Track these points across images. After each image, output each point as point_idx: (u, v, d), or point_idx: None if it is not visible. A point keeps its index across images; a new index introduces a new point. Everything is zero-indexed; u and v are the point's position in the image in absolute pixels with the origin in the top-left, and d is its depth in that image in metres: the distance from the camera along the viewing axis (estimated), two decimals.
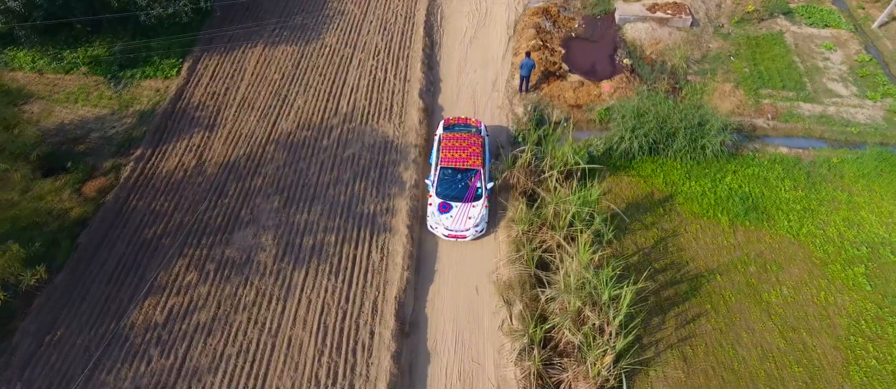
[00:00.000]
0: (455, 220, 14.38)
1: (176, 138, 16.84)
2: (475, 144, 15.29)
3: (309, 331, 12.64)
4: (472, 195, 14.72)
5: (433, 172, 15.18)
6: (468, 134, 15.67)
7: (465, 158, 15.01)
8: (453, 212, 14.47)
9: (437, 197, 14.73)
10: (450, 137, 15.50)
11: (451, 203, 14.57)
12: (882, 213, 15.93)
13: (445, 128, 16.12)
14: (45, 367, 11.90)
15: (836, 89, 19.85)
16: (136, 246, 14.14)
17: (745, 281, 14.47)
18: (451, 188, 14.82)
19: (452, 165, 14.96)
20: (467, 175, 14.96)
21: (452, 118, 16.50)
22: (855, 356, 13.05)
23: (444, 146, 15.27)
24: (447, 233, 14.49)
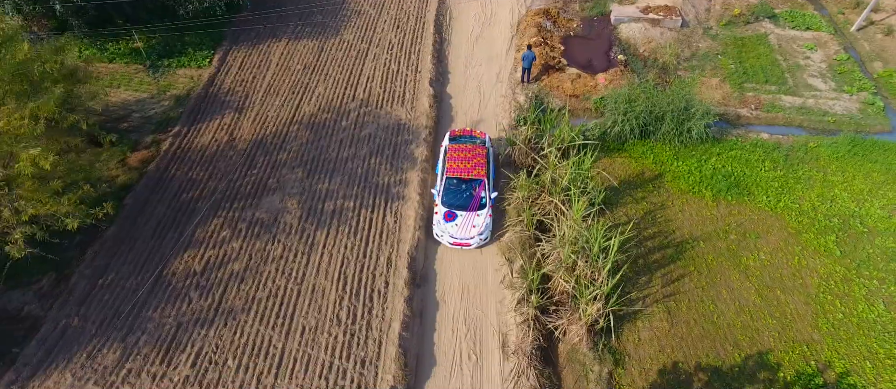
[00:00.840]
0: (460, 228, 14.95)
1: (209, 118, 18.72)
2: (480, 155, 15.95)
3: (330, 280, 14.26)
4: (476, 204, 15.29)
5: (439, 182, 15.80)
6: (473, 145, 16.38)
7: (470, 169, 15.64)
8: (458, 221, 15.02)
9: (443, 206, 15.27)
10: (455, 148, 16.19)
11: (457, 212, 15.13)
12: (853, 190, 17.48)
13: (451, 140, 16.81)
14: (98, 304, 13.55)
15: (816, 84, 21.58)
16: (175, 208, 15.89)
17: (725, 247, 15.99)
18: (456, 197, 15.43)
19: (458, 175, 15.58)
20: (472, 185, 15.58)
21: (458, 130, 17.31)
22: (823, 310, 14.48)
23: (450, 157, 15.93)
24: (452, 241, 15.03)
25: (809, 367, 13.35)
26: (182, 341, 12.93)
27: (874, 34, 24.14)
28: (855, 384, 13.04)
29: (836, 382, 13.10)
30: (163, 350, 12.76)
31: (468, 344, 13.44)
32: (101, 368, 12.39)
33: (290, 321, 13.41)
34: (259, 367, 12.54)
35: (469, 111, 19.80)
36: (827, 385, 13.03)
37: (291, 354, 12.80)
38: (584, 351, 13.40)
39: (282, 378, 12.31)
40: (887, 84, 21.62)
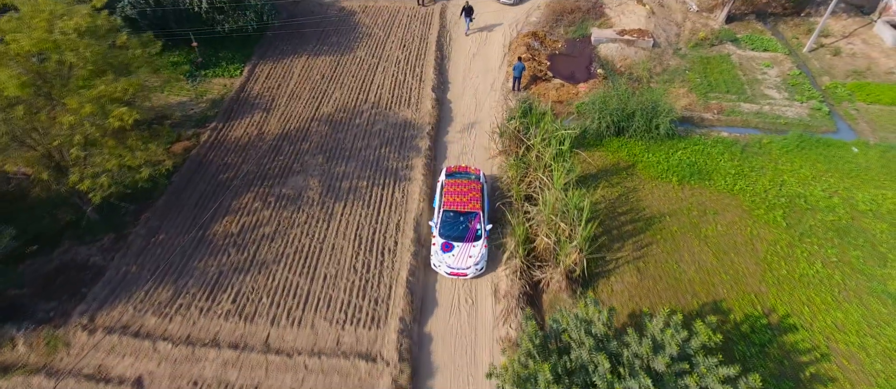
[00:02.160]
0: (457, 259, 15.67)
1: (241, 117, 21.81)
2: (475, 190, 17.02)
3: (347, 240, 16.92)
4: (472, 236, 16.13)
5: (436, 215, 16.71)
6: (468, 180, 17.44)
7: (466, 202, 16.62)
8: (455, 252, 15.79)
9: (440, 238, 16.08)
10: (452, 183, 17.24)
11: (454, 243, 15.94)
12: (799, 177, 20.35)
13: (448, 176, 17.85)
14: (152, 257, 16.16)
15: (771, 94, 24.85)
16: (213, 185, 18.71)
17: (688, 221, 18.69)
18: (453, 229, 16.27)
19: (454, 209, 16.48)
20: (468, 218, 16.46)
21: (454, 166, 18.45)
22: (770, 268, 17.05)
23: (447, 191, 16.94)
24: (449, 271, 15.73)
25: (756, 311, 15.82)
26: (223, 284, 15.48)
27: (824, 55, 27.66)
28: (794, 324, 15.48)
29: (779, 322, 15.54)
30: (208, 291, 15.30)
31: (465, 292, 15.96)
32: (156, 303, 14.90)
33: (314, 270, 15.99)
34: (288, 304, 15.04)
35: (466, 113, 22.95)
36: (770, 325, 15.47)
37: (315, 294, 15.32)
38: (564, 298, 15.89)
39: (309, 310, 14.79)
40: (833, 94, 24.90)
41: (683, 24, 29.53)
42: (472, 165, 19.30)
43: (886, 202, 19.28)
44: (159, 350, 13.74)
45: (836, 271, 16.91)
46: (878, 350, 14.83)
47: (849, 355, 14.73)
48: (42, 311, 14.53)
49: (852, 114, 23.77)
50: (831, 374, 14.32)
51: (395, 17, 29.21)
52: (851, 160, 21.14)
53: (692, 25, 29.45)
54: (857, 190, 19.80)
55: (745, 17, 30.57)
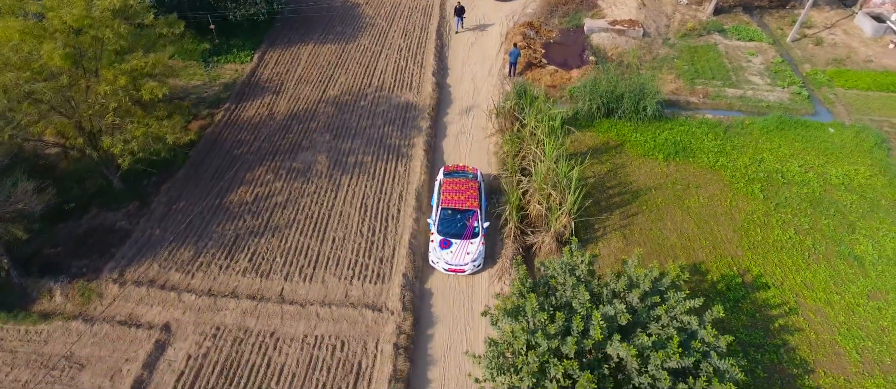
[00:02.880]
0: (455, 255, 16.14)
1: (252, 99, 23.28)
2: (472, 188, 17.53)
3: (354, 207, 18.36)
4: (470, 233, 16.57)
5: (434, 213, 17.13)
6: (466, 179, 17.94)
7: (464, 201, 17.06)
8: (453, 248, 16.22)
9: (439, 235, 16.49)
10: (450, 182, 17.71)
11: (451, 240, 16.39)
12: (777, 155, 21.79)
13: (445, 175, 18.33)
14: (173, 221, 17.60)
15: (755, 80, 26.31)
16: (229, 160, 20.16)
17: (672, 194, 20.12)
18: (451, 226, 16.69)
19: (452, 206, 16.92)
20: (466, 215, 16.90)
21: (451, 166, 18.98)
22: (746, 235, 18.48)
23: (445, 190, 17.43)
24: (447, 267, 16.18)
25: (732, 272, 17.25)
26: (240, 245, 16.92)
27: (806, 44, 29.16)
28: (767, 282, 16.91)
29: (752, 281, 16.97)
30: (226, 251, 16.73)
31: None
32: (179, 261, 16.33)
33: (324, 233, 17.42)
34: (300, 262, 16.47)
35: (465, 96, 24.43)
36: (745, 284, 16.89)
37: (325, 254, 16.75)
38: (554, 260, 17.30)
39: (319, 268, 16.22)
40: (813, 80, 26.40)
41: (673, 16, 31.01)
42: (470, 164, 19.92)
43: (858, 176, 20.73)
44: (184, 301, 15.16)
45: (808, 237, 18.34)
46: (842, 305, 16.25)
47: (815, 309, 16.15)
48: (75, 267, 15.95)
49: (830, 98, 25.24)
50: (798, 325, 15.74)
51: (397, 8, 30.69)
52: (827, 139, 22.59)
53: (681, 17, 30.93)
54: (831, 166, 21.25)
55: (732, 9, 32.05)
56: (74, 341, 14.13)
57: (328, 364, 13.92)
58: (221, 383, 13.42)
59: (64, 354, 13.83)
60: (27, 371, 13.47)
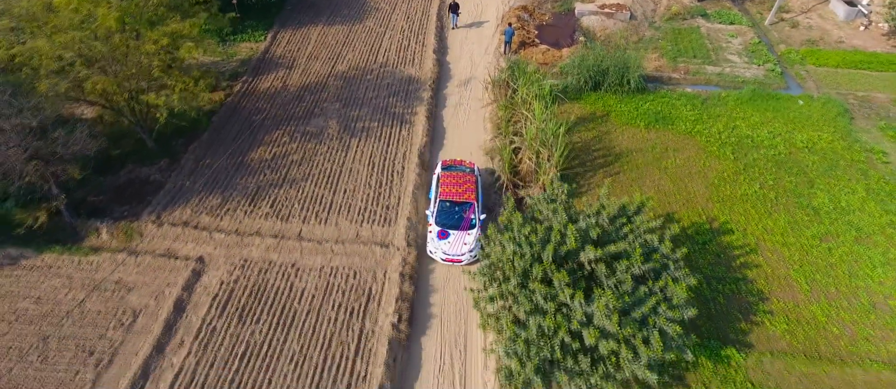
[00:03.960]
0: (452, 246, 16.85)
1: (267, 72, 25.53)
2: (469, 182, 18.30)
3: (362, 164, 20.60)
4: (467, 224, 17.26)
5: (433, 205, 17.91)
6: (463, 173, 18.69)
7: (461, 193, 17.85)
8: (451, 239, 16.97)
9: (437, 226, 17.27)
10: (447, 176, 18.48)
11: (449, 231, 17.16)
12: (750, 123, 24.04)
13: (444, 168, 19.07)
14: (201, 175, 19.83)
15: (733, 59, 28.59)
16: (248, 124, 22.40)
17: (651, 156, 22.35)
18: (448, 218, 17.49)
19: (450, 199, 17.70)
20: (463, 207, 17.72)
21: (449, 160, 19.73)
22: (716, 190, 20.70)
23: (443, 183, 18.20)
24: (444, 257, 16.91)
25: (702, 220, 19.47)
26: (261, 195, 19.16)
27: (783, 27, 31.45)
28: (732, 228, 19.14)
29: (719, 227, 19.19)
30: (249, 199, 18.97)
31: None
32: (208, 207, 18.56)
33: (336, 185, 19.66)
34: (316, 209, 18.71)
35: (463, 71, 26.72)
36: (712, 229, 19.12)
37: (337, 203, 18.99)
38: None
39: (333, 213, 18.45)
40: (787, 58, 28.69)
41: (659, 1, 33.27)
42: (467, 160, 20.58)
43: (821, 141, 22.98)
44: (214, 239, 17.40)
45: (771, 191, 20.58)
46: (797, 246, 18.49)
47: (773, 250, 18.39)
48: (117, 212, 18.18)
49: (802, 74, 27.52)
50: (757, 263, 17.98)
51: None
52: (796, 110, 24.85)
53: (667, 1, 33.19)
54: (798, 132, 23.51)
55: None
56: (121, 269, 16.37)
57: (343, 288, 16.15)
58: (251, 302, 15.65)
59: (114, 280, 16.05)
60: (83, 292, 15.69)
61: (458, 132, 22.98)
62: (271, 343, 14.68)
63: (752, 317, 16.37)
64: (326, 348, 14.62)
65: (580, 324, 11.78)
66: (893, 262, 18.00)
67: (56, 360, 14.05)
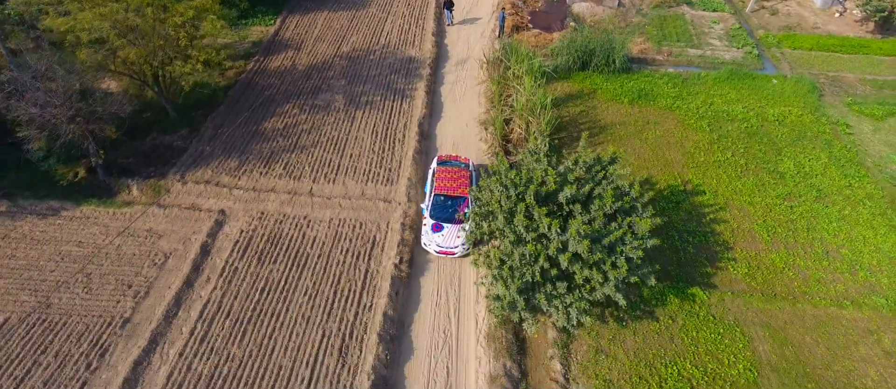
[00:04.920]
0: (446, 238, 17.36)
1: (277, 53, 27.60)
2: (464, 177, 18.87)
3: (366, 133, 22.65)
4: (460, 218, 17.98)
5: (428, 198, 18.44)
6: (458, 168, 19.21)
7: (456, 187, 18.36)
8: (444, 232, 17.47)
9: (431, 219, 17.83)
10: (443, 171, 19.08)
11: (443, 224, 17.68)
12: (726, 99, 26.08)
13: (439, 164, 19.66)
14: (220, 142, 21.89)
15: (714, 43, 30.64)
16: (261, 98, 24.45)
17: (634, 128, 24.37)
18: (443, 211, 18.01)
19: (445, 193, 18.25)
20: (457, 201, 18.22)
21: (445, 155, 20.42)
22: (692, 158, 22.72)
23: (438, 177, 18.79)
24: (438, 249, 17.38)
25: (677, 183, 21.49)
26: (275, 159, 21.20)
27: (763, 14, 33.50)
28: (704, 190, 21.16)
29: (693, 189, 21.21)
30: (263, 162, 21.01)
31: None
32: (227, 169, 20.61)
33: (342, 150, 21.70)
34: (325, 170, 20.76)
35: (460, 53, 28.80)
36: (686, 191, 21.13)
37: (344, 165, 21.04)
38: None
39: (340, 174, 20.49)
40: (764, 42, 30.76)
41: None
42: (462, 155, 21.21)
43: (791, 116, 25.02)
44: (234, 194, 19.45)
45: (742, 158, 22.61)
46: (762, 205, 20.51)
47: (740, 208, 20.41)
48: (145, 172, 20.23)
49: (778, 56, 29.58)
50: (724, 219, 19.99)
51: None
52: (770, 88, 26.90)
53: None
54: (770, 107, 25.54)
55: None
56: (152, 219, 18.41)
57: (350, 237, 18.19)
58: (268, 247, 17.68)
59: (145, 228, 18.09)
60: (119, 238, 17.72)
61: (455, 106, 25.04)
62: (287, 280, 16.71)
63: (717, 264, 18.40)
64: (336, 284, 16.65)
65: (556, 250, 13.79)
66: (848, 218, 20.04)
67: (99, 292, 16.08)
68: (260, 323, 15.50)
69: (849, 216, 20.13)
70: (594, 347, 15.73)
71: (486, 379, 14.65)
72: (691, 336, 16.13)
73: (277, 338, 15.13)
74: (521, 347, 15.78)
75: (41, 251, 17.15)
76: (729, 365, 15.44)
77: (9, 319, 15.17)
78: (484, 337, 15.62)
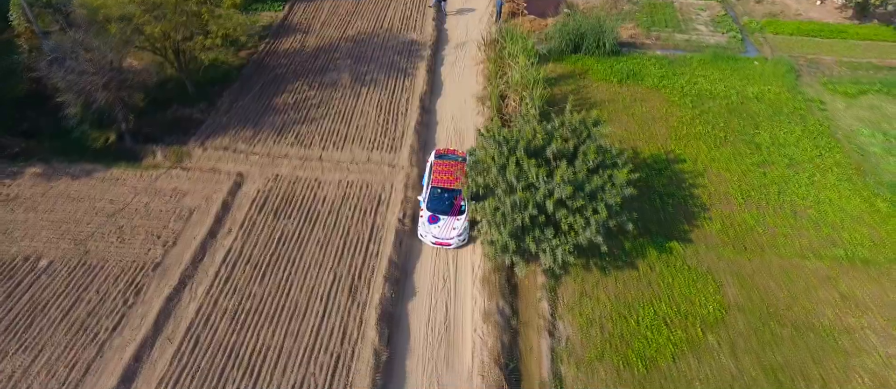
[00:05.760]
0: (442, 230, 18.04)
1: (286, 36, 29.51)
2: (460, 170, 19.25)
3: (371, 107, 24.51)
4: (456, 210, 18.39)
5: (425, 191, 19.10)
6: (455, 162, 19.81)
7: (452, 180, 18.97)
8: (441, 223, 18.12)
9: (428, 211, 18.45)
10: (440, 164, 19.71)
11: (439, 216, 18.35)
12: (709, 79, 27.94)
13: (437, 157, 20.27)
14: (235, 115, 23.77)
15: (700, 28, 32.52)
16: (272, 76, 26.35)
17: (622, 105, 26.22)
18: (439, 204, 18.68)
19: (441, 185, 18.88)
20: (453, 194, 18.87)
21: (443, 149, 21.09)
22: (675, 131, 24.54)
23: (436, 170, 19.44)
24: (434, 241, 18.06)
25: (660, 152, 23.31)
26: (287, 129, 23.08)
27: (748, 2, 35.46)
28: (684, 158, 22.99)
29: (674, 158, 23.03)
30: (277, 132, 22.88)
31: (456, 137, 23.47)
32: (243, 138, 22.47)
33: (349, 122, 23.57)
34: (333, 139, 22.65)
35: (459, 36, 30.72)
36: (668, 159, 22.95)
37: (350, 134, 22.93)
38: None
39: (347, 143, 22.34)
40: (748, 28, 32.67)
41: None
42: (459, 149, 21.93)
43: (769, 94, 26.87)
44: (250, 159, 21.32)
45: (721, 131, 24.46)
46: (737, 171, 22.35)
47: (717, 174, 22.25)
48: (168, 140, 22.06)
49: (760, 41, 31.46)
50: (703, 183, 21.83)
51: None
52: (751, 69, 28.77)
53: None
54: (750, 86, 27.41)
55: None
56: (176, 180, 20.28)
57: (357, 195, 20.04)
58: (283, 205, 19.53)
59: (170, 188, 19.95)
60: (147, 196, 19.57)
61: (454, 84, 26.91)
62: (301, 232, 18.55)
63: (694, 222, 20.23)
64: (346, 236, 18.50)
65: (544, 197, 15.62)
66: (817, 184, 21.88)
67: (131, 241, 17.91)
68: (277, 267, 17.34)
69: (817, 181, 21.96)
70: (579, 291, 17.55)
71: (480, 316, 16.47)
72: (667, 282, 17.96)
73: (293, 280, 16.97)
74: (512, 290, 17.61)
75: (77, 206, 18.98)
76: (700, 306, 17.26)
77: (53, 262, 17.00)
78: (479, 281, 17.45)
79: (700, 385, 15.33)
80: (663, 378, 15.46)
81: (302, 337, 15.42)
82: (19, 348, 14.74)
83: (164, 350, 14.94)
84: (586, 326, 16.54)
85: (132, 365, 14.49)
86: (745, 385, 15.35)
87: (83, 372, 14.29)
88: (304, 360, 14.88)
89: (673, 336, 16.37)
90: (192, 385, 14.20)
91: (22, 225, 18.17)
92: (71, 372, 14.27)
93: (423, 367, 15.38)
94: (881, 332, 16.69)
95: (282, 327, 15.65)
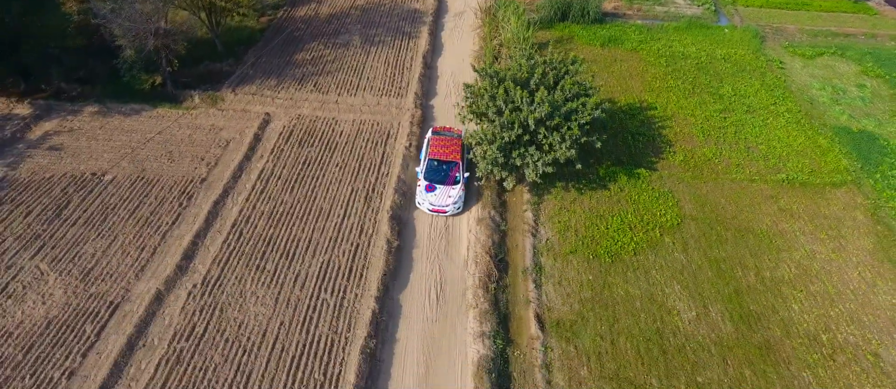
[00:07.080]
0: (438, 198, 19.96)
1: (301, 6, 33.16)
2: (456, 145, 21.49)
3: (380, 62, 28.14)
4: (451, 180, 20.43)
5: (422, 163, 21.04)
6: (451, 138, 21.92)
7: (448, 154, 20.98)
8: (437, 192, 20.08)
9: (425, 181, 20.38)
10: (437, 139, 21.76)
11: (436, 185, 20.26)
12: (683, 43, 31.58)
13: (434, 133, 22.39)
14: (260, 68, 27.36)
15: (678, 1, 36.21)
16: (291, 38, 29.95)
17: (603, 64, 29.81)
18: (436, 174, 20.63)
19: (438, 158, 20.87)
20: (449, 166, 20.85)
21: (439, 126, 23.37)
22: (649, 85, 28.16)
23: (433, 145, 21.46)
24: (431, 208, 19.97)
25: (634, 101, 26.88)
26: (306, 80, 26.67)
27: None
28: (656, 106, 26.58)
29: (646, 106, 26.60)
30: (297, 82, 26.46)
31: (455, 89, 27.03)
32: (268, 86, 26.06)
33: (360, 77, 27.16)
34: (347, 87, 26.25)
35: (458, 7, 34.40)
36: (641, 107, 26.52)
37: (362, 84, 26.53)
38: None
39: (360, 91, 25.92)
40: (721, 1, 36.20)
41: None
42: (455, 127, 23.67)
43: (735, 55, 30.52)
44: (275, 102, 24.92)
45: (690, 85, 28.09)
46: (701, 116, 25.96)
47: (682, 119, 25.84)
48: (203, 87, 25.59)
49: (732, 11, 35.12)
50: (669, 126, 25.41)
51: None
52: (721, 35, 32.41)
53: None
54: (719, 49, 31.05)
55: None
56: (213, 118, 23.87)
57: (369, 131, 23.62)
58: (306, 136, 23.10)
59: (209, 124, 23.52)
60: (189, 130, 23.13)
61: (453, 46, 30.53)
62: (323, 157, 22.13)
63: (660, 155, 23.80)
64: (360, 160, 22.08)
65: (526, 116, 19.17)
66: (769, 126, 25.49)
67: (180, 162, 21.47)
68: (304, 182, 20.90)
69: (770, 124, 25.57)
70: (558, 206, 21.12)
71: (475, 221, 20.02)
72: (634, 199, 21.52)
73: (318, 191, 20.53)
74: (502, 204, 21.16)
75: (130, 137, 22.53)
76: (660, 216, 20.82)
77: (116, 177, 20.55)
78: (475, 196, 20.99)
79: (656, 272, 18.89)
80: (625, 267, 19.01)
81: (327, 232, 18.99)
82: (97, 235, 18.28)
83: (215, 239, 18.50)
84: (563, 230, 20.10)
85: (190, 248, 18.03)
86: (692, 273, 18.92)
87: (151, 253, 17.83)
88: (330, 247, 18.45)
89: (635, 237, 19.93)
90: (239, 263, 17.75)
91: (86, 150, 21.71)
92: (141, 253, 17.82)
93: (426, 256, 18.95)
94: (809, 234, 20.29)
95: (310, 224, 19.21)
